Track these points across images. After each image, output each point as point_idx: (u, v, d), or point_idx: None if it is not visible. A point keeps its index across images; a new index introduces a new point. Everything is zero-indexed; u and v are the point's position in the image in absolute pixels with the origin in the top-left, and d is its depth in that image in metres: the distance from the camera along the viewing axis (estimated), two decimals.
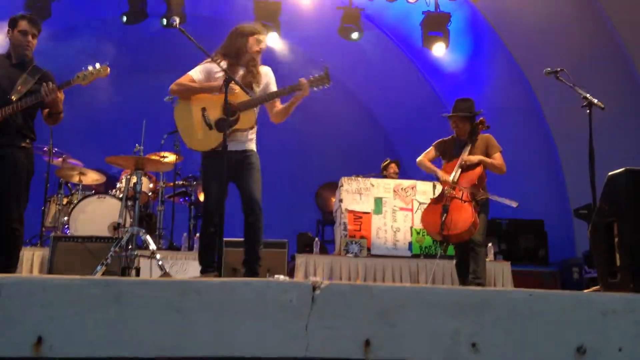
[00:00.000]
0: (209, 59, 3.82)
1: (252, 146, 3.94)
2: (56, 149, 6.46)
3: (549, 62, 4.36)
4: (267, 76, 3.99)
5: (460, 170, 4.61)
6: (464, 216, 4.39)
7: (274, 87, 4.00)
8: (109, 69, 3.80)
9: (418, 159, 4.97)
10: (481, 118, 4.77)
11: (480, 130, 4.77)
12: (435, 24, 8.21)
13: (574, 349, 1.86)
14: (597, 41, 7.23)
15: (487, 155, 4.68)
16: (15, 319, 1.66)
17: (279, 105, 3.97)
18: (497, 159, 4.66)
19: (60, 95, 3.67)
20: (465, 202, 4.46)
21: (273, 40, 7.80)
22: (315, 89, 3.82)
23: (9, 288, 1.67)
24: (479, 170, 4.58)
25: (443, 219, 4.40)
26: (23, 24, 3.74)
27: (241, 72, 3.90)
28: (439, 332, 1.83)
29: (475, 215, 4.39)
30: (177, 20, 3.72)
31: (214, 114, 3.77)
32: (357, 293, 1.83)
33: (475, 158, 4.63)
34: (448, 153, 4.84)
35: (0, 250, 3.57)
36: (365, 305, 1.82)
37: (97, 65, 3.77)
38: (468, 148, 4.69)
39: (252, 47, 3.88)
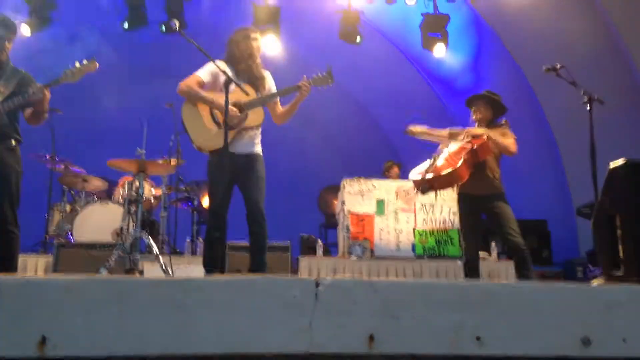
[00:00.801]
0: (218, 61, 3.85)
1: (259, 149, 4.00)
2: (59, 157, 6.48)
3: (549, 61, 4.36)
4: (269, 79, 4.08)
5: (465, 140, 4.46)
6: (450, 163, 4.31)
7: (274, 90, 4.08)
8: (97, 63, 3.74)
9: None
10: (505, 120, 4.62)
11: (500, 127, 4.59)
12: (434, 26, 8.23)
13: (579, 341, 1.85)
14: (596, 39, 7.23)
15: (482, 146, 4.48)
16: (19, 319, 1.66)
17: (280, 107, 4.06)
18: (508, 141, 4.45)
19: (47, 94, 3.62)
20: (457, 156, 4.34)
21: (272, 45, 7.82)
22: (318, 87, 3.91)
23: (12, 289, 1.68)
24: (482, 139, 4.37)
25: (430, 163, 4.42)
26: None
27: (244, 74, 3.96)
28: (442, 326, 1.83)
29: (462, 167, 4.26)
30: (177, 23, 3.73)
31: (223, 112, 3.80)
32: (360, 288, 1.83)
33: (480, 130, 4.46)
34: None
35: None
36: (368, 301, 1.82)
37: (85, 61, 3.72)
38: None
39: (247, 47, 3.96)
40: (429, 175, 4.35)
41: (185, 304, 1.75)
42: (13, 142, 3.69)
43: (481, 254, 6.56)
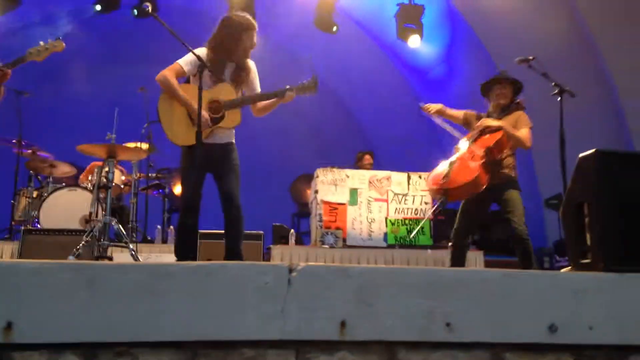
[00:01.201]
0: (197, 49, 3.75)
1: (232, 139, 3.95)
2: (26, 141, 6.33)
3: (521, 54, 4.40)
4: (253, 71, 3.99)
5: (479, 134, 4.31)
6: (468, 171, 4.12)
7: (257, 82, 4.01)
8: (63, 43, 3.64)
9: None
10: (519, 101, 4.46)
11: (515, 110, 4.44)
12: (409, 16, 8.26)
13: (546, 327, 1.89)
14: (568, 33, 7.35)
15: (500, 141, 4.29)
16: None
17: (260, 102, 3.98)
18: (523, 133, 4.28)
19: (8, 73, 3.47)
20: (474, 161, 4.16)
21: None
22: (301, 96, 3.86)
23: None
24: (498, 135, 4.23)
25: (446, 172, 4.15)
26: None
27: (230, 67, 3.88)
28: (414, 313, 1.85)
29: (480, 173, 4.09)
30: (150, 6, 3.65)
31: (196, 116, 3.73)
32: (333, 274, 1.84)
33: (496, 123, 4.28)
34: (473, 125, 4.47)
35: None
36: (341, 287, 1.82)
37: (50, 40, 3.62)
38: (502, 117, 4.39)
39: (245, 44, 3.85)
40: (445, 182, 4.13)
41: (156, 289, 1.73)
42: None
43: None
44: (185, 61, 3.80)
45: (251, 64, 3.99)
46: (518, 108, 4.40)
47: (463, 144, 4.36)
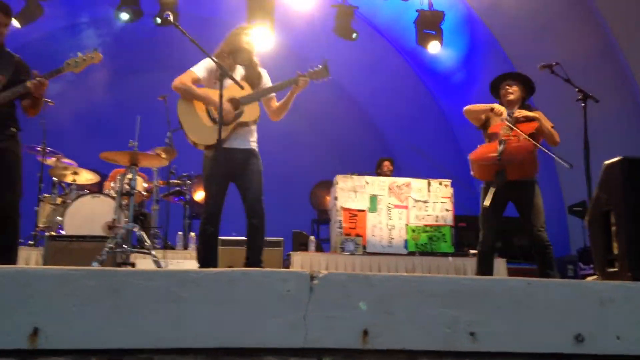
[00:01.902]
0: (210, 57, 3.82)
1: (255, 145, 3.96)
2: (50, 149, 6.42)
3: (542, 58, 4.34)
4: (265, 77, 4.05)
5: (514, 121, 4.12)
6: (524, 147, 3.94)
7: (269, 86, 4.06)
8: (101, 55, 3.66)
9: (465, 107, 4.42)
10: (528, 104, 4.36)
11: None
12: (429, 23, 8.23)
13: (573, 337, 1.86)
14: (589, 36, 7.26)
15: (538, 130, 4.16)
16: (11, 310, 1.64)
17: (275, 102, 4.04)
18: (553, 130, 4.15)
19: (46, 84, 3.53)
20: (523, 141, 3.97)
21: (266, 39, 7.79)
22: (315, 82, 3.85)
23: (4, 279, 1.65)
24: (534, 124, 4.08)
25: (502, 147, 3.94)
26: None
27: (241, 70, 3.96)
28: (437, 321, 1.83)
29: (535, 150, 3.93)
30: (171, 15, 3.70)
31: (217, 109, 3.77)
32: (355, 282, 1.83)
33: (531, 113, 4.12)
34: (493, 118, 4.30)
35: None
36: (363, 295, 1.82)
37: (87, 52, 3.64)
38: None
39: (242, 42, 3.94)
40: (502, 159, 3.92)
41: (180, 296, 1.74)
42: (13, 130, 3.65)
43: (473, 252, 6.60)
44: (199, 68, 3.88)
45: (263, 71, 4.05)
46: (531, 109, 4.26)
47: (503, 130, 4.11)
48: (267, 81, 4.05)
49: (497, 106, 4.22)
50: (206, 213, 3.81)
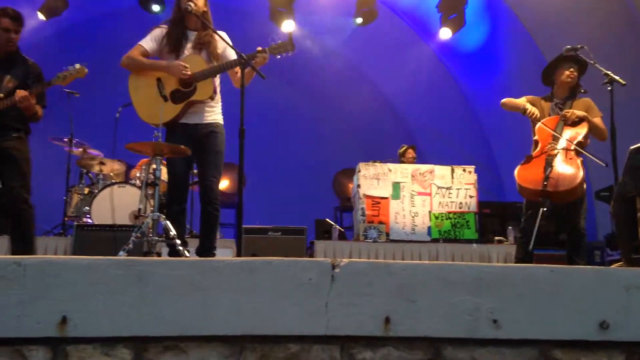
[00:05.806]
0: (157, 26, 3.79)
1: (217, 118, 3.80)
2: (76, 140, 6.54)
3: (567, 41, 4.27)
4: (220, 42, 3.79)
5: (563, 124, 4.08)
6: (572, 173, 3.86)
7: (229, 52, 3.77)
8: (86, 70, 3.88)
9: (503, 100, 4.32)
10: (585, 90, 4.30)
11: (578, 94, 4.28)
12: (452, 7, 8.13)
13: (597, 324, 1.84)
14: (616, 19, 7.08)
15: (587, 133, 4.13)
16: (40, 298, 1.69)
17: (239, 71, 3.64)
18: (600, 123, 4.10)
19: (28, 99, 3.68)
20: (572, 163, 3.91)
21: (287, 27, 7.78)
22: (278, 56, 3.62)
23: (34, 268, 1.70)
24: (584, 126, 4.05)
25: (547, 172, 3.84)
26: (5, 22, 3.76)
27: (193, 36, 3.80)
28: (459, 309, 1.83)
29: (582, 177, 3.85)
30: (192, 5, 3.69)
31: (170, 85, 3.71)
32: (376, 270, 1.84)
33: (581, 112, 4.07)
34: (542, 111, 4.24)
35: (15, 236, 3.72)
36: (384, 283, 1.82)
37: (77, 66, 3.86)
38: (571, 103, 4.17)
39: (182, 6, 3.72)
40: (547, 185, 3.83)
41: (203, 284, 1.77)
42: (21, 133, 3.84)
43: (497, 238, 6.55)
44: (146, 40, 3.80)
45: (222, 33, 3.78)
46: (583, 93, 4.22)
47: (560, 142, 4.04)
48: (224, 45, 3.75)
49: (530, 108, 4.15)
50: (171, 192, 3.79)
